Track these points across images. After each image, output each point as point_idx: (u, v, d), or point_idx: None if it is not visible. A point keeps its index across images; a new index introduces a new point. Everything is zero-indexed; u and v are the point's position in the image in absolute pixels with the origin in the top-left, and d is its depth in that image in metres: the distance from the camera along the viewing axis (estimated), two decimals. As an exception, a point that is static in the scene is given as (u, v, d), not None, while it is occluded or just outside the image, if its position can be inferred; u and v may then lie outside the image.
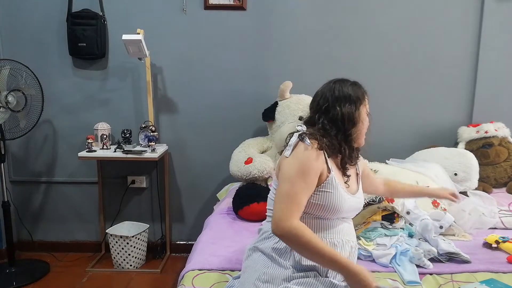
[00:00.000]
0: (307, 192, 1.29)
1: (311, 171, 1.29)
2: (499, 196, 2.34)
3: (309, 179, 1.29)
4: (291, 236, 1.24)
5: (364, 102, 1.44)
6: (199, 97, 2.82)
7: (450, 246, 1.72)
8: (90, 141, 2.64)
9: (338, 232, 1.37)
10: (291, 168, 1.30)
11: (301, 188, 1.28)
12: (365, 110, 1.43)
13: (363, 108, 1.42)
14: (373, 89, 2.72)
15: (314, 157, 1.30)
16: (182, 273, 1.64)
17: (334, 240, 1.36)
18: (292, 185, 1.28)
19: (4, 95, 2.44)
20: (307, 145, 1.30)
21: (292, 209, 1.26)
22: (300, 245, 1.25)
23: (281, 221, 1.25)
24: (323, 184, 1.32)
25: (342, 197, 1.35)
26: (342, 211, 1.35)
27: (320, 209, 1.33)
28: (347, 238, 1.39)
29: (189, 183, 2.94)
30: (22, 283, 2.54)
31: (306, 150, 1.30)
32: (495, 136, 2.57)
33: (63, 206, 2.98)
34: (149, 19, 2.72)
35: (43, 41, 2.77)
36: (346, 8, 2.70)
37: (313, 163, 1.29)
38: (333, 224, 1.37)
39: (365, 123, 1.43)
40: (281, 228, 1.24)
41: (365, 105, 1.44)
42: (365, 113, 1.44)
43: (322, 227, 1.36)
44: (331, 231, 1.36)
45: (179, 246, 2.99)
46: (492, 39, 2.67)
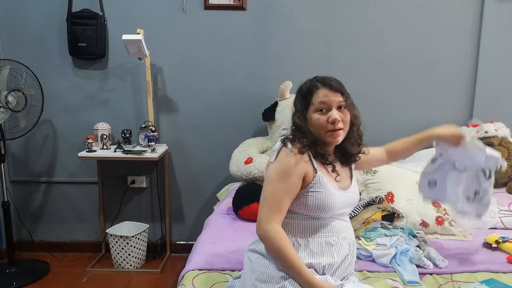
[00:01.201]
0: (288, 195, 1.32)
1: (292, 175, 1.31)
2: (499, 196, 2.34)
3: (290, 183, 1.31)
4: (266, 239, 1.31)
5: (311, 100, 1.35)
6: (199, 97, 2.82)
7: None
8: (90, 141, 2.64)
9: (332, 230, 1.38)
10: (273, 173, 1.34)
11: (282, 192, 1.31)
12: (313, 108, 1.35)
13: (312, 107, 1.35)
14: (373, 89, 2.77)
15: (295, 161, 1.31)
16: (182, 273, 1.64)
17: (329, 239, 1.36)
18: (273, 189, 1.32)
19: (4, 95, 2.44)
20: (288, 150, 1.33)
21: (272, 212, 1.30)
22: (272, 250, 1.30)
23: (261, 223, 1.31)
24: (311, 185, 1.33)
25: (333, 194, 1.35)
26: (334, 208, 1.36)
27: (312, 209, 1.34)
28: (343, 236, 1.39)
29: (189, 183, 2.94)
30: (22, 283, 2.54)
31: (287, 155, 1.33)
32: (495, 136, 2.57)
33: (63, 206, 2.98)
34: (149, 19, 2.72)
35: (43, 41, 2.77)
36: (346, 8, 2.70)
37: (294, 167, 1.31)
38: (326, 223, 1.37)
39: (315, 121, 1.34)
40: (260, 230, 1.31)
41: (313, 104, 1.35)
42: (315, 111, 1.35)
43: (316, 227, 1.36)
44: (325, 230, 1.37)
45: (179, 246, 2.99)
46: (492, 39, 2.67)
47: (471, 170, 1.65)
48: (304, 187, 1.33)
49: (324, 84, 1.36)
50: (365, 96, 2.74)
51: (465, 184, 1.68)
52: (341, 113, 1.35)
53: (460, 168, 1.66)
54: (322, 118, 1.33)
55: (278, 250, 1.28)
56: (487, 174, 1.64)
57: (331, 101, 1.34)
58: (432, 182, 1.76)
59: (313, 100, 1.35)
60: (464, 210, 1.70)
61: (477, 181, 1.66)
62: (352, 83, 2.77)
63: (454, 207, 1.73)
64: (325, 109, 1.34)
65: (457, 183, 1.69)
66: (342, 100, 1.36)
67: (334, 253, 1.35)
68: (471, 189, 1.68)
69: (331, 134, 1.34)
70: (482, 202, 1.66)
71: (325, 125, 1.33)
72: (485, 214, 1.69)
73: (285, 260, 1.27)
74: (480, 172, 1.64)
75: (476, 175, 1.65)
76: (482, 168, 1.63)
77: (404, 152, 1.68)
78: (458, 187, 1.69)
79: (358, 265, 1.67)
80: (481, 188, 1.66)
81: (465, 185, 1.68)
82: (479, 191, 1.67)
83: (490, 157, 1.59)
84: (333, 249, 1.35)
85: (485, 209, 1.67)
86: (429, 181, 1.76)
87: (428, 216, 2.02)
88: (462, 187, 1.68)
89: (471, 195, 1.68)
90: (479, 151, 1.59)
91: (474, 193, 1.68)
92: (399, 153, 1.67)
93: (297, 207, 1.34)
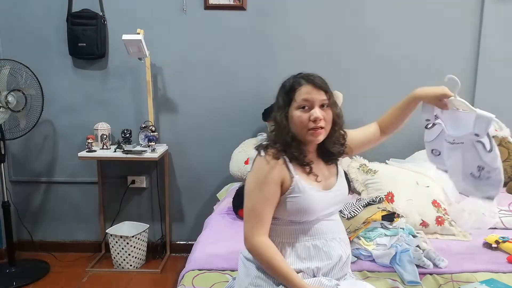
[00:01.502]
0: (269, 204, 1.30)
1: (269, 183, 1.29)
2: (499, 196, 2.33)
3: (268, 192, 1.29)
4: (254, 253, 1.30)
5: (294, 96, 1.32)
6: (199, 97, 2.82)
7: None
8: (90, 141, 2.64)
9: (319, 233, 1.35)
10: (251, 184, 1.33)
11: (261, 203, 1.29)
12: (295, 105, 1.31)
13: (294, 104, 1.31)
14: (373, 89, 2.76)
15: (268, 168, 1.29)
16: (182, 273, 1.64)
17: (316, 242, 1.33)
18: (252, 200, 1.31)
19: (4, 95, 2.44)
20: (262, 158, 1.31)
21: (256, 225, 1.29)
22: (261, 262, 1.30)
23: (246, 238, 1.30)
24: (289, 191, 1.30)
25: (313, 197, 1.31)
26: (316, 211, 1.32)
27: (293, 214, 1.32)
28: (332, 236, 1.36)
29: (189, 183, 2.94)
30: (22, 283, 2.54)
31: (261, 164, 1.31)
32: (495, 136, 2.57)
33: (63, 206, 2.98)
34: (149, 19, 2.72)
35: (43, 41, 2.77)
36: (346, 9, 2.70)
37: (270, 175, 1.29)
38: (311, 226, 1.34)
39: (297, 119, 1.30)
40: (247, 244, 1.31)
41: (296, 101, 1.31)
42: (297, 108, 1.31)
43: (301, 232, 1.34)
44: (310, 234, 1.34)
45: (179, 246, 2.99)
46: (492, 39, 2.67)
47: (465, 140, 1.45)
48: (283, 193, 1.31)
49: (307, 81, 1.32)
50: (365, 96, 2.76)
51: (463, 158, 1.48)
52: (324, 111, 1.31)
53: (449, 140, 1.48)
54: (304, 116, 1.29)
55: (266, 262, 1.27)
56: (486, 146, 1.42)
57: (314, 99, 1.30)
58: (435, 151, 1.60)
59: (296, 96, 1.31)
60: (469, 189, 1.52)
61: (477, 155, 1.44)
62: (352, 82, 2.82)
63: (457, 187, 1.58)
64: (307, 106, 1.30)
65: (455, 157, 1.50)
66: (325, 98, 1.32)
67: (323, 256, 1.33)
68: (473, 164, 1.46)
69: (312, 133, 1.30)
70: (490, 179, 1.44)
71: (306, 123, 1.29)
72: (497, 195, 1.48)
73: (275, 270, 1.26)
74: (476, 143, 1.43)
75: (474, 147, 1.44)
76: (476, 135, 1.40)
77: (394, 121, 1.55)
78: (457, 162, 1.49)
79: (358, 265, 1.67)
80: (484, 163, 1.44)
81: (464, 160, 1.48)
82: (483, 167, 1.45)
83: (480, 117, 1.39)
84: (321, 252, 1.33)
85: (495, 189, 1.47)
86: (432, 150, 1.61)
87: (428, 216, 2.02)
88: (461, 163, 1.48)
89: (475, 171, 1.47)
90: (467, 111, 1.41)
91: (478, 169, 1.46)
92: (390, 123, 1.55)
93: (279, 213, 1.32)
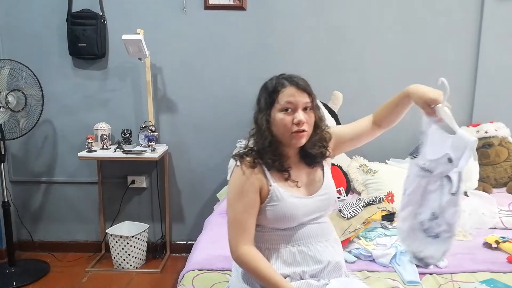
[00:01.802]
0: (250, 213, 1.29)
1: (247, 193, 1.28)
2: (499, 196, 2.34)
3: (247, 201, 1.28)
4: (240, 264, 1.30)
5: (277, 98, 1.28)
6: (199, 97, 2.82)
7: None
8: (90, 141, 2.64)
9: (304, 238, 1.33)
10: (229, 193, 1.33)
11: (241, 211, 1.28)
12: (278, 107, 1.28)
13: (277, 106, 1.28)
14: (373, 89, 2.76)
15: (245, 179, 1.28)
16: (182, 273, 1.64)
17: (301, 247, 1.32)
18: (234, 210, 1.30)
19: (4, 95, 2.44)
20: (238, 168, 1.31)
21: (239, 235, 1.28)
22: (248, 272, 1.30)
23: (231, 250, 1.30)
24: (268, 199, 1.29)
25: (292, 204, 1.29)
26: (297, 217, 1.30)
27: (274, 222, 1.31)
28: (317, 239, 1.34)
29: (189, 183, 2.94)
30: (22, 283, 2.54)
31: (237, 173, 1.30)
32: (495, 136, 2.57)
33: (63, 206, 2.98)
34: (149, 19, 2.72)
35: (43, 41, 2.77)
36: (345, 9, 2.70)
37: (247, 184, 1.28)
38: (295, 232, 1.32)
39: (279, 122, 1.27)
40: (233, 255, 1.30)
41: (279, 103, 1.27)
42: (279, 110, 1.28)
43: (285, 238, 1.32)
44: (295, 239, 1.32)
45: (179, 246, 2.99)
46: (492, 39, 2.67)
47: (435, 168, 1.17)
48: (262, 202, 1.30)
49: (291, 82, 1.29)
50: (365, 96, 2.75)
51: (424, 194, 1.22)
52: (306, 114, 1.28)
53: (420, 163, 1.24)
54: (287, 119, 1.26)
55: (253, 270, 1.26)
56: (453, 184, 1.11)
57: (297, 101, 1.27)
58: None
59: (279, 98, 1.28)
60: (409, 239, 1.26)
61: (439, 194, 1.16)
62: (352, 83, 2.82)
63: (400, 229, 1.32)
64: (291, 109, 1.27)
65: (417, 189, 1.24)
66: (308, 101, 1.29)
67: (309, 261, 1.31)
68: (429, 207, 1.19)
69: (295, 136, 1.27)
70: (438, 238, 1.15)
71: (289, 126, 1.26)
72: (436, 261, 1.21)
73: (262, 278, 1.25)
74: (444, 177, 1.14)
75: (440, 181, 1.16)
76: (449, 160, 1.11)
77: (387, 115, 1.42)
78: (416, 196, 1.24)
79: (358, 265, 1.67)
80: (439, 208, 1.15)
81: (424, 197, 1.21)
82: (436, 214, 1.15)
83: (460, 138, 1.09)
84: (307, 256, 1.31)
85: (436, 253, 1.18)
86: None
87: (428, 216, 2.01)
88: (420, 199, 1.23)
89: (426, 219, 1.19)
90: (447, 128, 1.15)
91: (431, 216, 1.18)
92: (383, 117, 1.43)
93: (261, 221, 1.31)
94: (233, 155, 1.37)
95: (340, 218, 1.86)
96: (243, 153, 1.33)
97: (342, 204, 1.97)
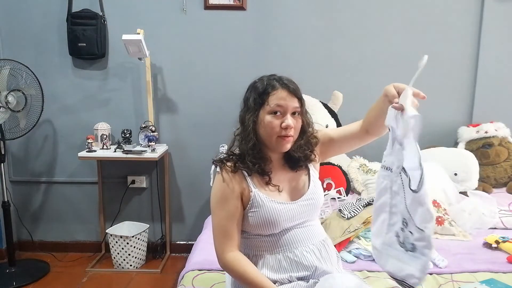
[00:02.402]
0: (232, 219, 1.27)
1: (229, 199, 1.27)
2: (499, 196, 2.35)
3: (229, 208, 1.27)
4: (227, 270, 1.29)
5: (267, 100, 1.26)
6: (199, 97, 2.82)
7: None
8: (90, 141, 2.64)
9: (287, 243, 1.30)
10: (212, 201, 1.30)
11: (224, 218, 1.27)
12: (268, 109, 1.26)
13: (266, 107, 1.26)
14: (373, 89, 2.73)
15: (225, 185, 1.27)
16: (182, 273, 1.64)
17: (287, 253, 1.30)
18: (216, 217, 1.28)
19: (4, 95, 2.44)
20: (218, 174, 1.30)
21: (224, 242, 1.27)
22: (237, 277, 1.28)
23: (218, 256, 1.28)
24: (249, 205, 1.28)
25: (274, 210, 1.27)
26: (280, 223, 1.28)
27: (257, 228, 1.29)
28: (303, 244, 1.31)
29: (189, 183, 2.94)
30: (22, 283, 2.54)
31: (218, 180, 1.29)
32: (495, 136, 2.58)
33: (63, 206, 2.98)
34: (149, 19, 2.72)
35: (43, 41, 2.77)
36: (346, 8, 2.70)
37: (226, 191, 1.27)
38: (278, 237, 1.30)
39: (268, 124, 1.25)
40: (220, 262, 1.28)
41: (269, 105, 1.25)
42: (268, 113, 1.26)
43: (271, 244, 1.31)
44: (279, 245, 1.30)
45: (179, 246, 2.99)
46: (492, 39, 2.67)
47: (393, 164, 1.06)
48: (245, 207, 1.29)
49: (282, 85, 1.27)
50: (365, 96, 2.75)
51: (390, 198, 1.08)
52: (294, 119, 1.26)
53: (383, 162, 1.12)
54: (276, 122, 1.24)
55: (241, 277, 1.25)
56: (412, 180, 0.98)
57: (287, 105, 1.25)
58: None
59: (269, 100, 1.25)
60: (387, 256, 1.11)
61: (403, 194, 1.03)
62: (352, 83, 2.81)
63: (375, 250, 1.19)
64: (280, 112, 1.25)
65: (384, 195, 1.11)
66: (297, 106, 1.27)
67: (294, 267, 1.29)
68: (399, 214, 1.05)
69: (281, 140, 1.26)
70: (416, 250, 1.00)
71: (277, 129, 1.24)
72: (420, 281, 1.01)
73: (250, 283, 1.23)
74: (402, 172, 1.03)
75: (400, 179, 1.04)
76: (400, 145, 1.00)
77: (373, 120, 1.27)
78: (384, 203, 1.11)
79: (358, 265, 1.68)
80: (407, 213, 1.01)
81: (392, 202, 1.07)
82: (406, 221, 1.02)
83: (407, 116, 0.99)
84: (293, 262, 1.29)
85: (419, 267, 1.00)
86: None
87: (428, 216, 2.01)
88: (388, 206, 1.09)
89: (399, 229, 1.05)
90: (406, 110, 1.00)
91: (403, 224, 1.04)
92: (369, 122, 1.30)
93: (245, 227, 1.30)
94: (213, 160, 1.33)
95: (340, 218, 1.87)
96: (224, 158, 1.32)
97: (342, 204, 1.98)
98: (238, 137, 1.33)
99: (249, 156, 1.28)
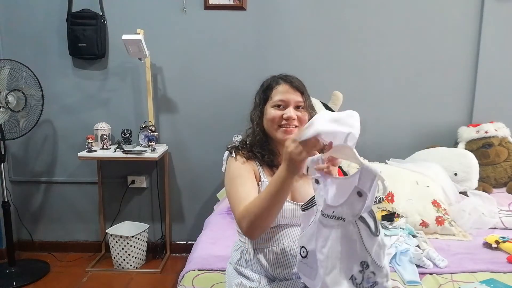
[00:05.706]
0: (249, 182, 1.26)
1: (243, 173, 1.29)
2: (499, 196, 2.35)
3: (244, 174, 1.28)
4: (248, 218, 1.14)
5: (271, 94, 1.34)
6: (199, 97, 2.82)
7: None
8: (90, 141, 2.64)
9: (286, 238, 1.31)
10: (227, 179, 1.32)
11: (242, 184, 1.25)
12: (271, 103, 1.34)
13: (270, 102, 1.34)
14: (373, 89, 2.76)
15: (241, 163, 1.31)
16: (182, 273, 1.64)
17: (284, 246, 1.31)
18: (234, 188, 1.26)
19: (4, 95, 2.44)
20: (232, 158, 1.33)
21: (239, 204, 1.20)
22: (257, 209, 1.13)
23: (238, 222, 1.19)
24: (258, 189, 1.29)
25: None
26: (280, 217, 1.28)
27: None
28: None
29: (189, 183, 2.94)
30: (22, 283, 2.54)
31: (232, 162, 1.33)
32: (495, 136, 2.57)
33: (63, 206, 2.98)
34: (149, 19, 2.72)
35: (43, 41, 2.77)
36: (346, 9, 2.70)
37: (242, 167, 1.30)
38: (276, 230, 1.31)
39: (269, 115, 1.32)
40: (243, 224, 1.17)
41: (272, 99, 1.34)
42: (272, 106, 1.33)
43: (267, 237, 1.31)
44: (277, 238, 1.31)
45: (179, 246, 2.99)
46: (492, 39, 2.67)
47: (346, 214, 1.03)
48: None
49: (285, 80, 1.34)
50: (365, 96, 2.76)
51: (343, 245, 1.04)
52: (299, 112, 1.31)
53: (328, 212, 1.07)
54: (277, 113, 1.31)
55: (259, 205, 1.12)
56: (370, 225, 1.00)
57: (289, 99, 1.31)
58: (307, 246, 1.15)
59: (272, 95, 1.34)
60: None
61: (360, 239, 1.02)
62: (353, 83, 2.81)
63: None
64: (282, 105, 1.31)
65: (334, 243, 1.05)
66: (301, 100, 1.32)
67: (292, 261, 1.29)
68: (355, 257, 1.04)
69: (284, 130, 1.30)
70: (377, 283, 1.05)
71: (278, 119, 1.30)
72: None
73: (267, 195, 1.11)
74: (358, 220, 1.02)
75: (356, 226, 1.03)
76: (359, 194, 1.00)
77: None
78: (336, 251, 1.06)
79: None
80: (368, 255, 1.02)
81: (344, 248, 1.04)
82: (367, 263, 1.02)
83: (366, 169, 0.98)
84: (291, 258, 1.30)
85: None
86: (301, 248, 1.17)
87: (428, 216, 2.02)
88: (340, 253, 1.05)
89: (356, 271, 1.04)
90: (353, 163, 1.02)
91: (361, 266, 1.03)
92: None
93: None
94: (228, 147, 1.38)
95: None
96: (238, 146, 1.37)
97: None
98: (249, 131, 1.39)
99: (257, 148, 1.33)
